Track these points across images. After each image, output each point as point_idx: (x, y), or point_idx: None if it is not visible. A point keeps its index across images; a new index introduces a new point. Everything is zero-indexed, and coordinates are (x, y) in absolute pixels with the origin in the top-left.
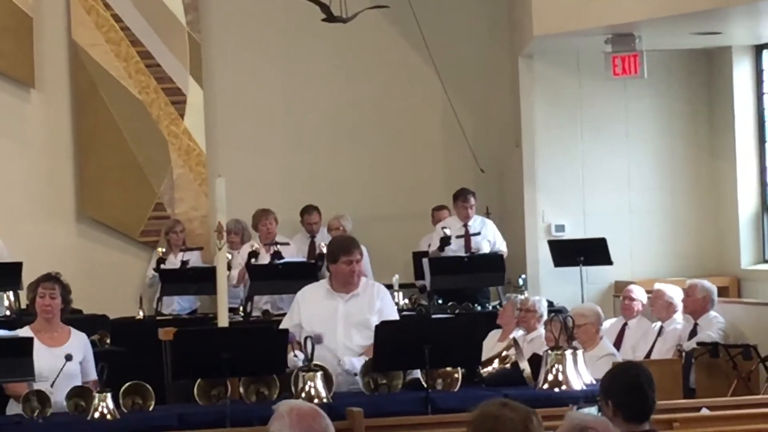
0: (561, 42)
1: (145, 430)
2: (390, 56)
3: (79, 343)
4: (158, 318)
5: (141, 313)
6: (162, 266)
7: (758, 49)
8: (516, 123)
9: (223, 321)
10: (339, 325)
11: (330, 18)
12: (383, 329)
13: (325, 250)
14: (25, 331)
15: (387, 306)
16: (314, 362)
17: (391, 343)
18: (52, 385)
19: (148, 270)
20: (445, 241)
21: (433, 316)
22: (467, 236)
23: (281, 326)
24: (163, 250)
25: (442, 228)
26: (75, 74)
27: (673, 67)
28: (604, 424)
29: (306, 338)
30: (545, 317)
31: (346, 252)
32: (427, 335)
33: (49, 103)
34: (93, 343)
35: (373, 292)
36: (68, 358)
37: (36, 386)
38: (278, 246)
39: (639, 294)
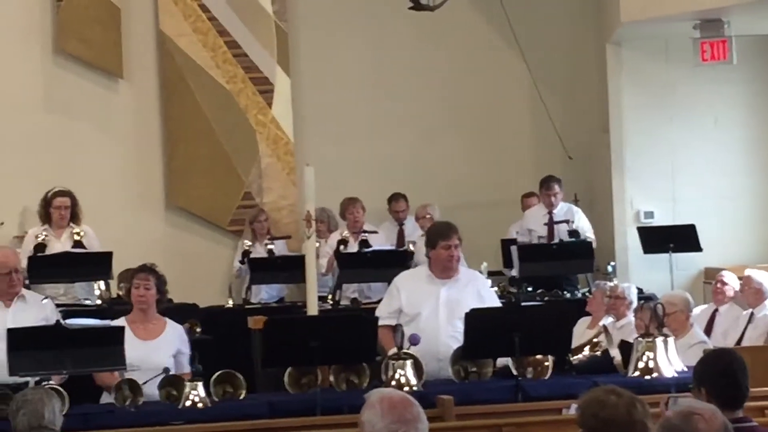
0: (648, 28)
1: (236, 418)
2: (477, 43)
3: (173, 334)
4: (247, 307)
5: (230, 302)
6: (248, 257)
7: None
8: (603, 109)
9: (313, 309)
10: (441, 310)
11: (417, 6)
12: (473, 317)
13: (411, 246)
14: (120, 323)
15: (489, 294)
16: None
17: (481, 331)
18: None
19: (234, 262)
20: None
21: (523, 304)
22: (551, 224)
23: (377, 314)
24: (249, 243)
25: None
26: (163, 64)
27: (762, 52)
28: (711, 411)
29: (397, 325)
30: (635, 304)
31: (444, 237)
32: (517, 323)
33: (137, 93)
34: None
35: (476, 280)
36: (166, 371)
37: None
38: (366, 234)
39: (731, 280)
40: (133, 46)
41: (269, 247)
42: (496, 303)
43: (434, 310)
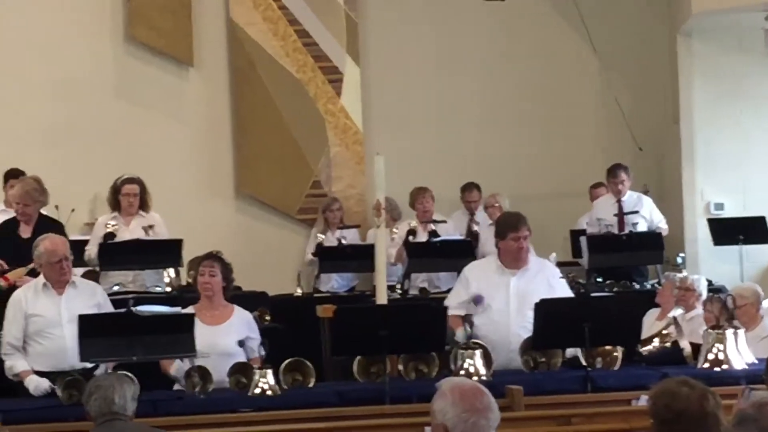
0: (720, 19)
1: (305, 406)
2: (546, 33)
3: (241, 321)
4: (316, 295)
5: (299, 290)
6: (320, 245)
7: None
8: (674, 100)
9: (382, 298)
10: (511, 300)
11: None
12: (543, 307)
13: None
14: (188, 311)
15: (560, 284)
16: (483, 336)
17: (550, 321)
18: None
19: (306, 254)
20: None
21: (593, 295)
22: (620, 214)
23: (447, 303)
24: (322, 236)
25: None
26: (233, 53)
27: None
28: None
29: (466, 316)
30: (704, 296)
31: (513, 228)
32: (587, 313)
33: (208, 81)
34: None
35: (545, 270)
36: (240, 344)
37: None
38: (435, 224)
39: None
40: (204, 34)
41: (340, 236)
42: (567, 293)
43: (504, 300)
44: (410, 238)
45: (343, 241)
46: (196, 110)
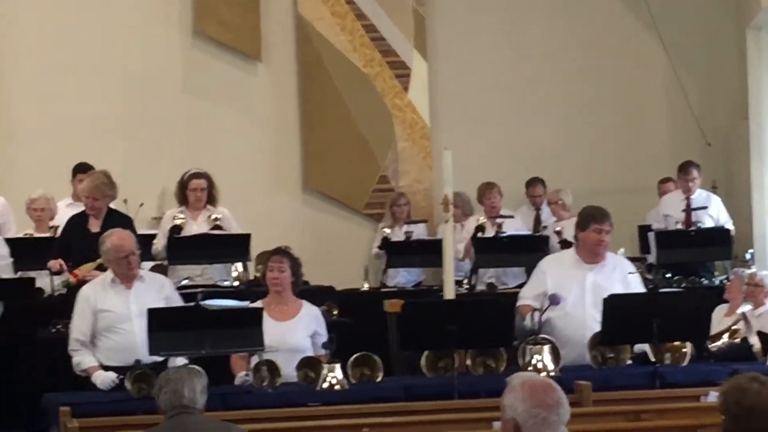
0: None
1: (373, 401)
2: (614, 27)
3: (309, 316)
4: (383, 290)
5: (366, 285)
6: (386, 240)
7: None
8: (743, 95)
9: (450, 293)
10: (587, 295)
11: None
12: (612, 303)
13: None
14: (257, 305)
15: (635, 280)
16: (558, 330)
17: (619, 317)
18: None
19: (373, 248)
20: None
21: (661, 290)
22: (688, 210)
23: (521, 296)
24: (388, 231)
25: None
26: (301, 48)
27: None
28: None
29: (534, 311)
30: None
31: (597, 221)
32: (656, 309)
33: (276, 76)
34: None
35: (622, 266)
36: (325, 346)
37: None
38: (502, 219)
39: None
40: (272, 29)
41: (407, 231)
42: (641, 289)
43: (580, 295)
44: (478, 233)
45: (411, 236)
46: (263, 105)
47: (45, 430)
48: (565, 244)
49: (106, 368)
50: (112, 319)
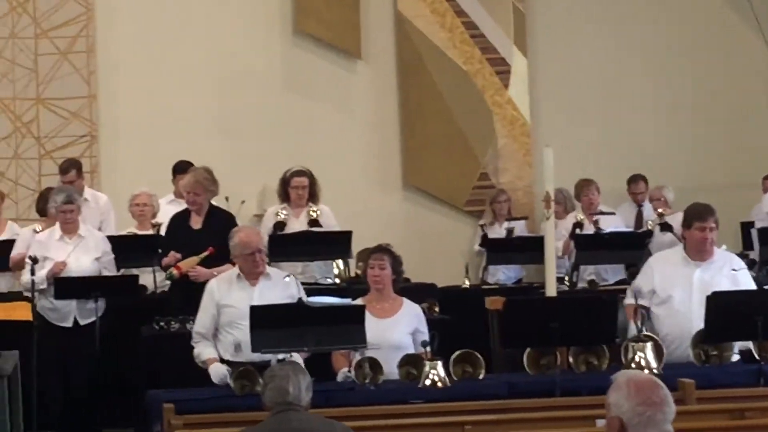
0: None
1: (475, 398)
2: (717, 23)
3: (410, 313)
4: (484, 287)
5: (467, 282)
6: (486, 237)
7: None
8: None
9: (551, 290)
10: (694, 293)
11: None
12: (715, 300)
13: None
14: (358, 302)
15: (745, 277)
16: (664, 327)
17: (722, 314)
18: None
19: (474, 245)
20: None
21: (765, 287)
22: None
23: (628, 292)
24: (487, 227)
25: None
26: (400, 45)
27: None
28: None
29: (637, 307)
30: None
31: (699, 218)
32: (760, 306)
33: (375, 73)
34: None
35: (731, 263)
36: (424, 344)
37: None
38: (601, 216)
39: None
40: (372, 26)
41: (507, 227)
42: (751, 285)
43: (687, 292)
44: (576, 230)
45: (511, 233)
46: (364, 102)
47: (149, 426)
48: (665, 227)
49: (227, 362)
50: (234, 315)
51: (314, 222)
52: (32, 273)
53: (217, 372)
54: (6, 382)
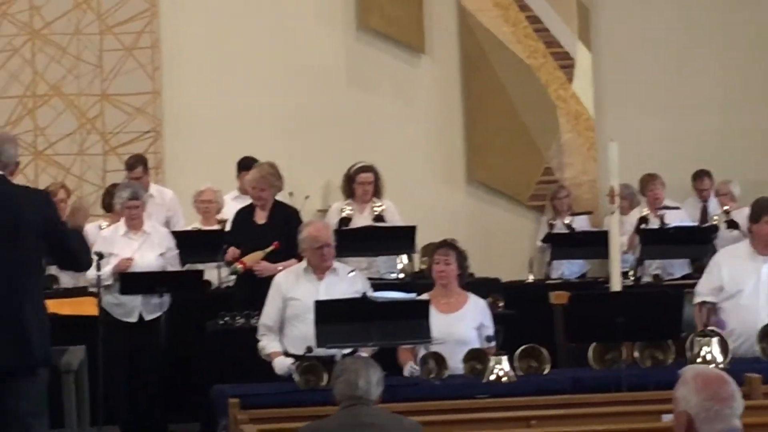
0: None
1: (540, 393)
2: None
3: (475, 308)
4: (548, 282)
5: (531, 277)
6: (550, 232)
7: None
8: None
9: (616, 285)
10: (762, 288)
11: None
12: None
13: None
14: (423, 297)
15: None
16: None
17: None
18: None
19: (537, 240)
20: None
21: None
22: None
23: (697, 291)
24: (552, 221)
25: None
26: (464, 39)
27: None
28: None
29: (709, 305)
30: None
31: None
32: None
33: (439, 68)
34: None
35: None
36: (488, 339)
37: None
38: (666, 210)
39: None
40: (435, 21)
41: (569, 222)
42: None
43: (755, 287)
44: (641, 225)
45: (573, 228)
46: (427, 97)
47: (214, 421)
48: (731, 224)
49: (292, 356)
50: (300, 308)
51: (379, 218)
52: (98, 269)
53: (282, 365)
54: (72, 376)
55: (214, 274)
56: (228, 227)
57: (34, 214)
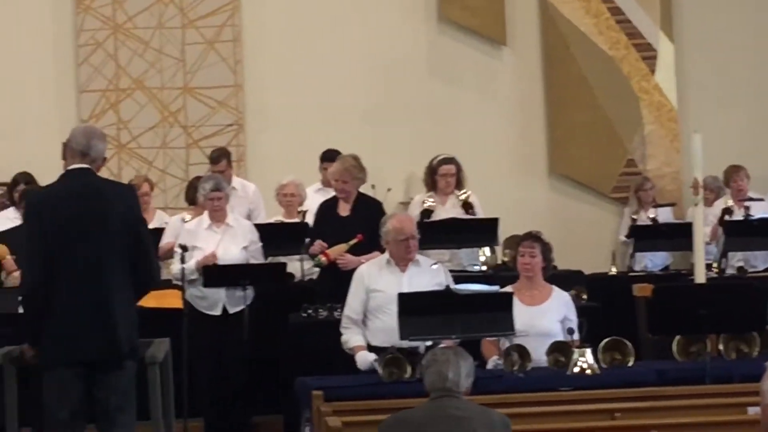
0: None
1: (624, 385)
2: None
3: (559, 301)
4: (631, 274)
5: (613, 269)
6: (633, 225)
7: None
8: None
9: (700, 277)
10: None
11: None
12: None
13: None
14: (507, 289)
15: None
16: None
17: None
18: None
19: (619, 234)
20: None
21: None
22: None
23: None
24: (633, 215)
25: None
26: (545, 31)
27: None
28: None
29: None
30: None
31: None
32: None
33: (520, 60)
34: None
35: None
36: (570, 332)
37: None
38: (751, 202)
39: None
40: (516, 13)
41: (653, 215)
42: None
43: None
44: (725, 216)
45: (656, 220)
46: (509, 89)
47: (298, 413)
48: None
49: (374, 348)
50: (383, 300)
51: (467, 204)
52: (182, 261)
53: (364, 359)
54: (158, 369)
55: (297, 266)
56: (309, 220)
57: (121, 207)
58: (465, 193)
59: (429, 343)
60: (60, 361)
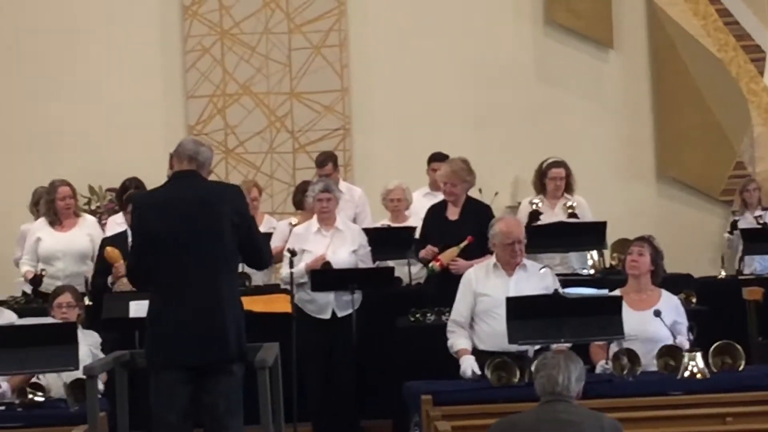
0: None
1: (735, 390)
2: None
3: (668, 306)
4: (740, 277)
5: (722, 273)
6: (736, 227)
7: None
8: None
9: None
10: None
11: None
12: None
13: None
14: (615, 293)
15: None
16: None
17: None
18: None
19: (724, 233)
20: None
21: None
22: None
23: None
24: (737, 212)
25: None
26: (653, 34)
27: None
28: None
29: None
30: None
31: None
32: None
33: (628, 63)
34: None
35: None
36: (656, 313)
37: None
38: None
39: None
40: (624, 16)
41: (760, 217)
42: None
43: None
44: None
45: (763, 222)
46: (616, 92)
47: (407, 418)
48: None
49: (481, 352)
50: (490, 304)
51: (572, 215)
52: (291, 266)
53: (466, 368)
54: (267, 373)
55: (404, 270)
56: (416, 223)
57: (229, 208)
58: (572, 203)
59: (537, 347)
60: (167, 364)
